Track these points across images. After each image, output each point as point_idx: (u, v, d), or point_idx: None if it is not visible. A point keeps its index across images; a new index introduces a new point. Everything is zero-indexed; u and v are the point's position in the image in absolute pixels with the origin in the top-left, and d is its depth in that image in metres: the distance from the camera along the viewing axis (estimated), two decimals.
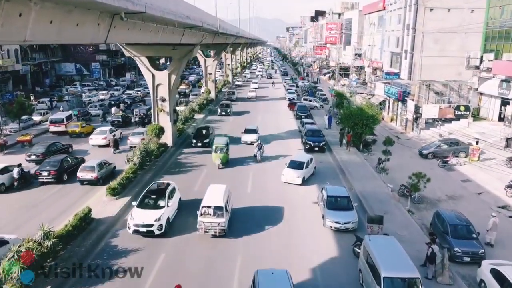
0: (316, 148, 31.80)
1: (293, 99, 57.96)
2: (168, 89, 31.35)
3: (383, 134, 36.79)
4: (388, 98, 45.10)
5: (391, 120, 44.49)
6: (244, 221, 19.93)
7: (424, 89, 37.31)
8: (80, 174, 24.06)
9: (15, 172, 23.84)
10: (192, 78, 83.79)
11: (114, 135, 33.51)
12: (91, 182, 24.03)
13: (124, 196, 22.03)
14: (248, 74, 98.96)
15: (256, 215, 20.75)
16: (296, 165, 25.46)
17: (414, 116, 37.99)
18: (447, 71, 44.34)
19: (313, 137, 32.52)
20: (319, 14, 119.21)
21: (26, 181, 24.43)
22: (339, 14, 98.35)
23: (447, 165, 29.53)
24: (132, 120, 42.06)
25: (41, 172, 24.35)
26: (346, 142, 33.20)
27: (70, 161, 26.14)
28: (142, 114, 41.53)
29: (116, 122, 40.14)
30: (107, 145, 32.39)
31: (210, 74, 56.41)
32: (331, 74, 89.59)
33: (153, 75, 31.20)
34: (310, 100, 53.84)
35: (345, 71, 76.17)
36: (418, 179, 21.57)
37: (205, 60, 55.52)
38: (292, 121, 44.79)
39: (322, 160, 30.11)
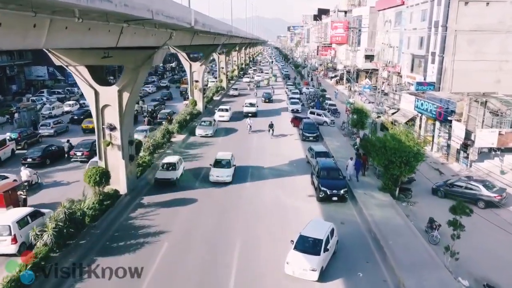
0: (335, 198, 21.94)
1: (298, 110, 48.04)
2: (118, 113, 21.47)
3: (420, 170, 26.92)
4: (420, 115, 35.19)
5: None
6: None
7: (478, 107, 27.38)
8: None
9: (66, 147, 30.03)
10: None
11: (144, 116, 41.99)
12: None
13: None
14: (229, 102, 54.70)
15: None
16: (309, 245, 15.44)
17: (462, 143, 28.15)
18: (484, 78, 36.02)
19: (330, 181, 22.23)
20: (322, 12, 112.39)
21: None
22: (345, 12, 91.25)
23: None
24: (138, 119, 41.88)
25: (75, 152, 28.99)
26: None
27: None
28: (150, 110, 44.76)
29: None
30: None
31: (197, 81, 46.41)
32: (338, 78, 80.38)
33: (96, 92, 21.35)
34: (318, 114, 43.52)
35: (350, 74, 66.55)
36: None
37: (190, 65, 45.48)
38: (297, 145, 34.57)
39: (344, 218, 20.27)
